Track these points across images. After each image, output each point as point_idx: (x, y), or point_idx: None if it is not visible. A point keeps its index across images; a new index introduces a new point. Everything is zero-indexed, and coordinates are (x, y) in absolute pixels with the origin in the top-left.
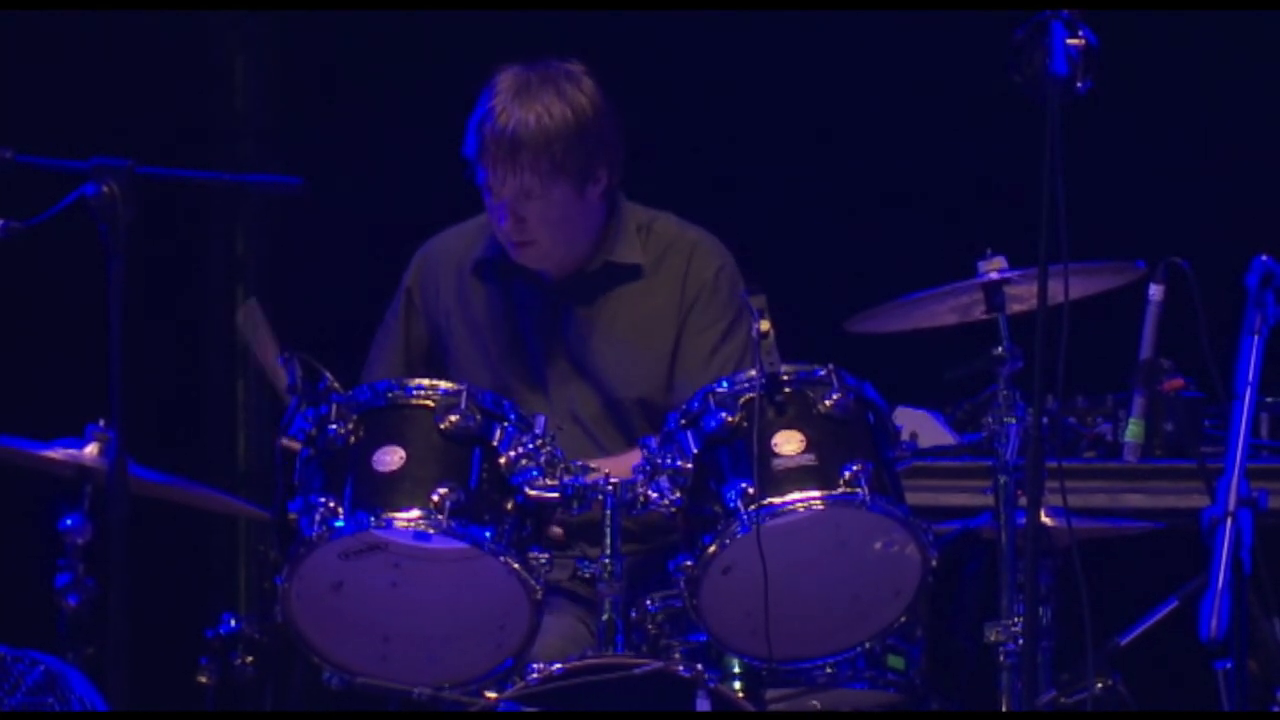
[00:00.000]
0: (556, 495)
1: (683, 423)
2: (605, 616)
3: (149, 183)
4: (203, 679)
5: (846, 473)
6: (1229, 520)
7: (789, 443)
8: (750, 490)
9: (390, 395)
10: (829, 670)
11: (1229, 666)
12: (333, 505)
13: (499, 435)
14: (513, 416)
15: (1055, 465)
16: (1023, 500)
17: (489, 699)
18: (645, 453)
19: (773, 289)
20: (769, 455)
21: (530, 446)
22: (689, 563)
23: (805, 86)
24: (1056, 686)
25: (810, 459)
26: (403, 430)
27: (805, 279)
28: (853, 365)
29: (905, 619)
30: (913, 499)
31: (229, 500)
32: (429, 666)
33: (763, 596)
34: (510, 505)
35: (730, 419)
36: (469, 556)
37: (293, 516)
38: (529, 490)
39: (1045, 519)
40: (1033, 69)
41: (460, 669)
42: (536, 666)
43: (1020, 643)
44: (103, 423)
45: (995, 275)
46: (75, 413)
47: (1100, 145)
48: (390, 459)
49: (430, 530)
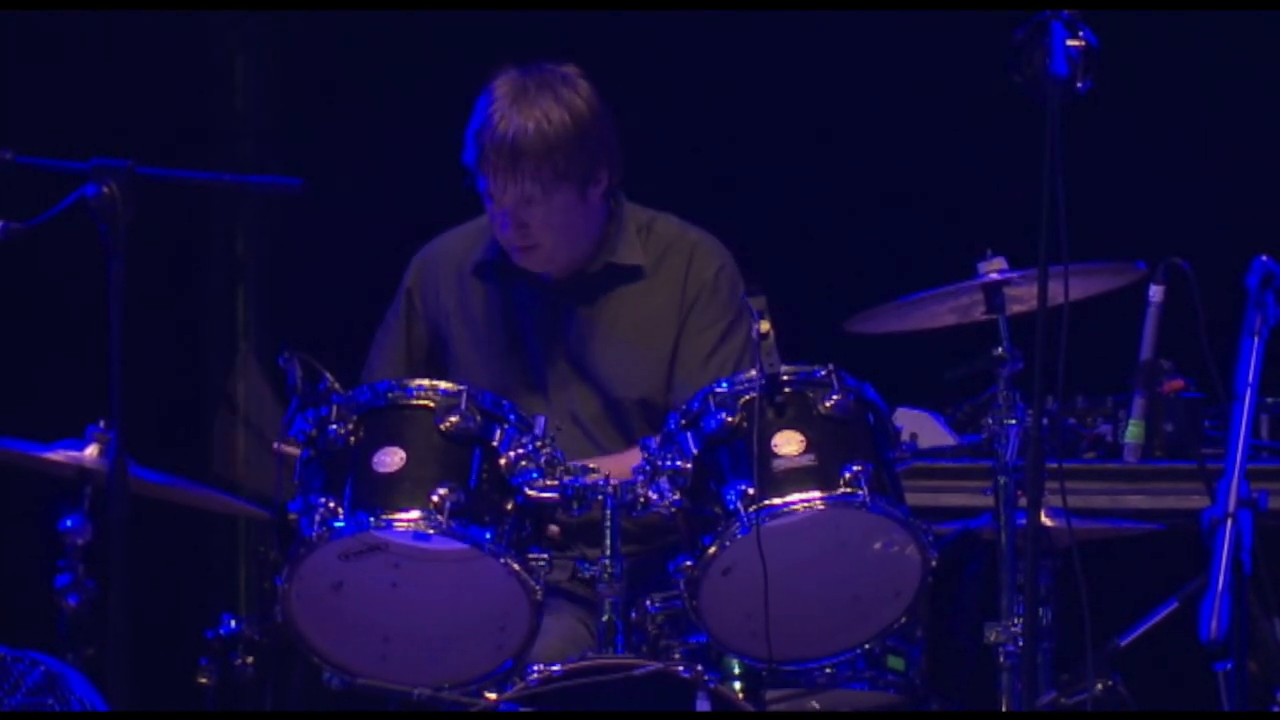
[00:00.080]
0: (556, 496)
1: (682, 423)
2: (605, 617)
3: (149, 183)
4: (203, 679)
5: (846, 473)
6: (1229, 521)
7: (789, 443)
8: (750, 491)
9: (390, 396)
10: (829, 671)
11: (1229, 667)
12: (333, 506)
13: (499, 436)
14: (512, 417)
15: (1055, 466)
16: (1023, 501)
17: (489, 699)
18: (645, 454)
19: (773, 289)
20: (769, 456)
21: (530, 447)
22: (689, 564)
23: (805, 86)
24: (1056, 687)
25: (810, 460)
26: (403, 431)
27: (805, 279)
28: (853, 365)
29: (905, 619)
30: (913, 499)
31: (229, 500)
32: (429, 667)
33: (763, 597)
34: (510, 506)
35: (730, 420)
36: (469, 557)
37: (293, 517)
38: (529, 491)
39: (1045, 520)
40: (1033, 69)
41: (460, 669)
42: (536, 667)
43: (1020, 643)
44: (103, 423)
45: (995, 276)
46: (75, 413)
47: (1100, 145)
48: (390, 460)
49: (430, 531)
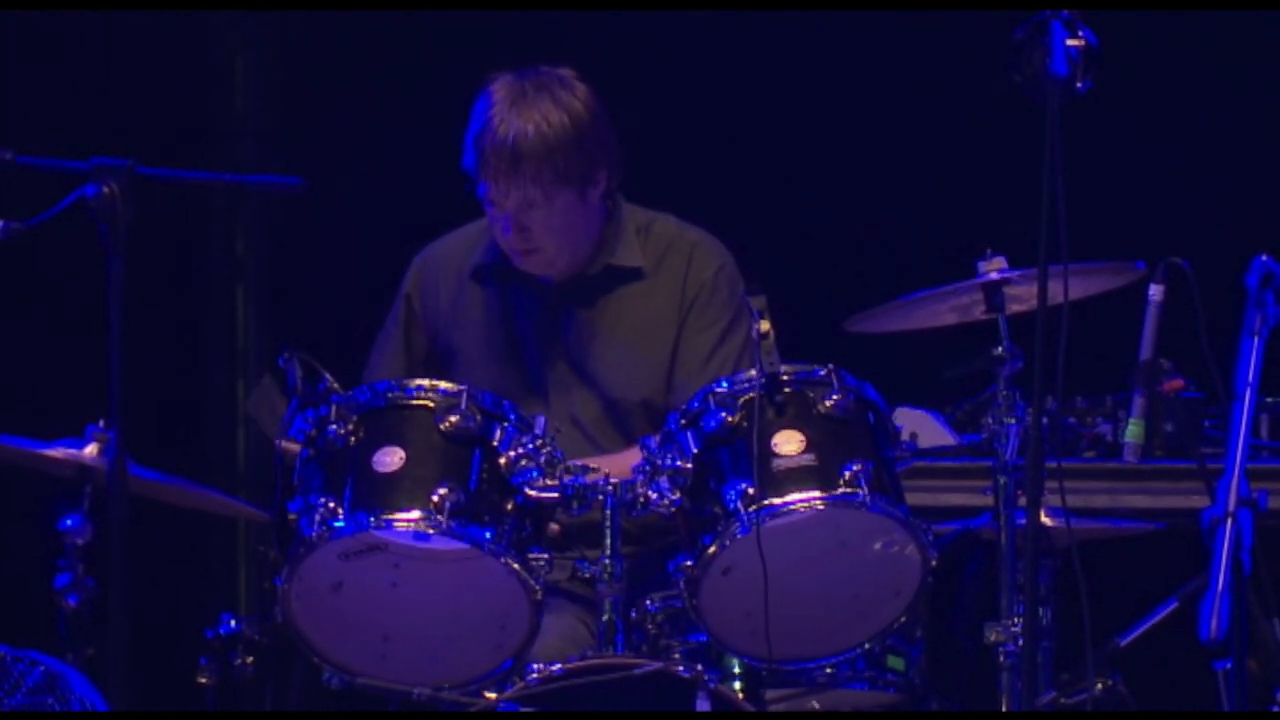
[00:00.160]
0: (556, 496)
1: (682, 423)
2: (605, 617)
3: (149, 183)
4: (203, 679)
5: (846, 473)
6: (1229, 521)
7: (789, 443)
8: (750, 491)
9: (390, 396)
10: (829, 670)
11: (1229, 667)
12: (332, 506)
13: (499, 436)
14: (513, 417)
15: (1055, 465)
16: (1023, 500)
17: (489, 699)
18: (645, 453)
19: (773, 289)
20: (769, 455)
21: (530, 447)
22: (689, 563)
23: (805, 86)
24: (1056, 687)
25: (810, 459)
26: (403, 431)
27: (805, 279)
28: (853, 365)
29: (905, 619)
30: (913, 499)
31: (229, 501)
32: (429, 667)
33: (763, 597)
34: (510, 506)
35: (730, 419)
36: (469, 557)
37: (292, 517)
38: (529, 491)
39: (1045, 519)
40: (1033, 69)
41: (460, 669)
42: (536, 667)
43: (1020, 643)
44: (103, 423)
45: (995, 275)
46: (75, 413)
47: (1100, 145)
48: (390, 459)
49: (430, 531)
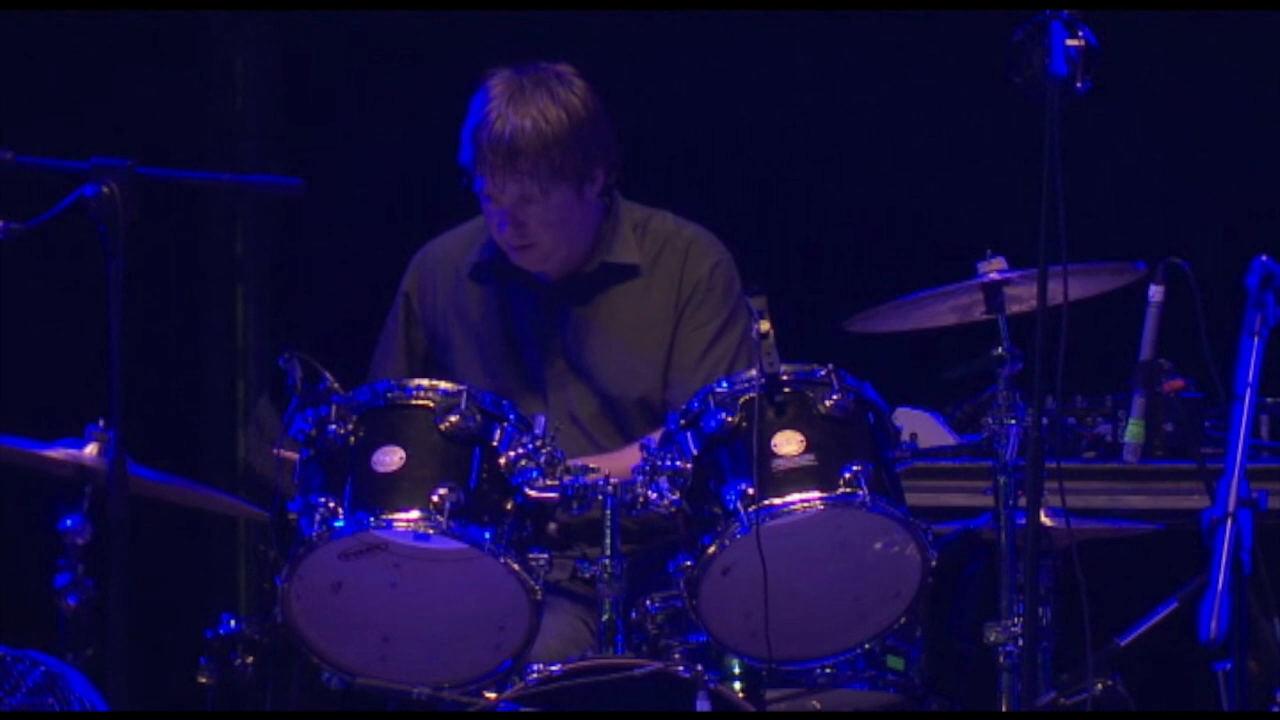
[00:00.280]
0: (556, 495)
1: (682, 423)
2: (605, 617)
3: (149, 183)
4: (203, 679)
5: (846, 473)
6: (1229, 521)
7: (789, 443)
8: (750, 491)
9: (390, 396)
10: (829, 670)
11: (1229, 667)
12: (332, 505)
13: (499, 435)
14: (512, 417)
15: (1055, 466)
16: (1023, 501)
17: (489, 699)
18: (645, 453)
19: (773, 289)
20: (769, 456)
21: (530, 447)
22: (689, 563)
23: (804, 86)
24: (1056, 687)
25: (810, 459)
26: (402, 430)
27: (805, 279)
28: (853, 365)
29: (905, 619)
30: (913, 499)
31: (229, 500)
32: (428, 667)
33: (763, 597)
34: (510, 506)
35: (730, 419)
36: (469, 557)
37: (293, 516)
38: (529, 490)
39: (1045, 519)
40: (1032, 69)
41: (460, 669)
42: (536, 667)
43: (1020, 643)
44: (103, 423)
45: (995, 275)
46: (75, 413)
47: (1100, 145)
48: (390, 459)
49: (430, 531)
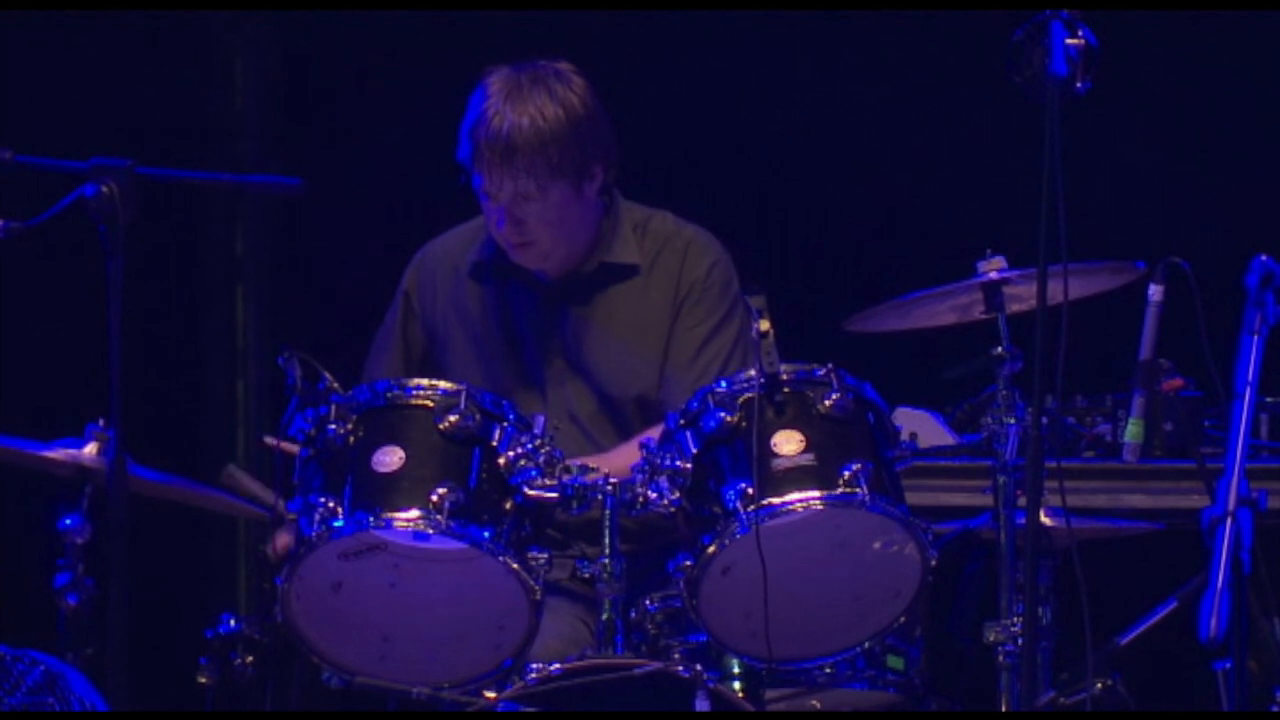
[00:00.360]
0: (556, 495)
1: (682, 423)
2: (605, 616)
3: (149, 183)
4: (203, 679)
5: (846, 473)
6: (1229, 520)
7: (788, 443)
8: (750, 490)
9: (389, 395)
10: (829, 670)
11: (1229, 666)
12: (332, 505)
13: (498, 435)
14: (512, 416)
15: (1055, 465)
16: (1022, 500)
17: (488, 699)
18: (645, 453)
19: (773, 289)
20: (768, 455)
21: (529, 446)
22: (689, 563)
23: (805, 86)
24: (1056, 687)
25: (809, 459)
26: (402, 430)
27: (805, 279)
28: (853, 365)
29: (905, 619)
30: (913, 499)
31: (229, 500)
32: (428, 666)
33: (762, 596)
34: (509, 505)
35: (729, 419)
36: (468, 557)
37: (292, 517)
38: (528, 490)
39: (1045, 519)
40: (1032, 69)
41: (459, 669)
42: (535, 666)
43: (1020, 643)
44: (102, 423)
45: (995, 275)
46: (75, 413)
47: (1100, 145)
48: (390, 459)
49: (429, 530)
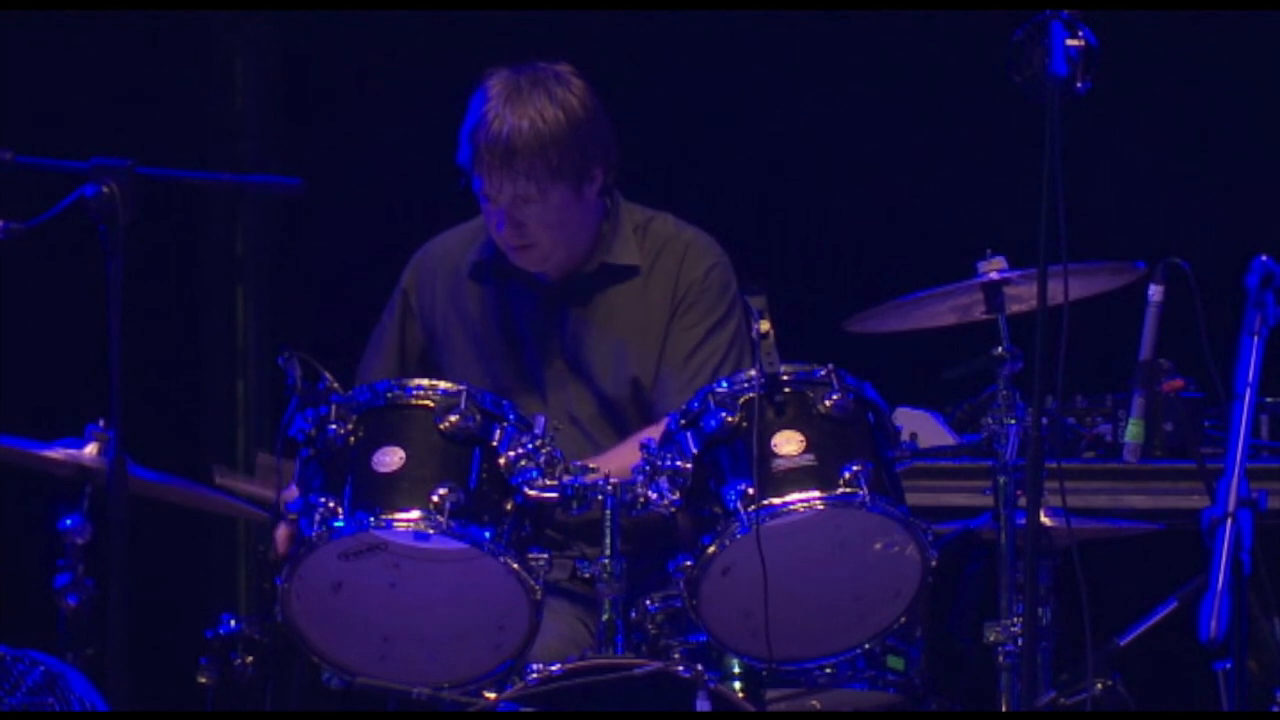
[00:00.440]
0: (556, 495)
1: (682, 423)
2: (605, 617)
3: (149, 183)
4: (203, 679)
5: (846, 473)
6: (1229, 521)
7: (789, 443)
8: (750, 491)
9: (390, 395)
10: (829, 670)
11: (1229, 666)
12: (332, 505)
13: (498, 435)
14: (512, 417)
15: (1055, 466)
16: (1022, 500)
17: (488, 699)
18: (645, 453)
19: (773, 289)
20: (769, 456)
21: (530, 447)
22: (689, 563)
23: (806, 86)
24: (1056, 687)
25: (810, 459)
26: (402, 430)
27: (805, 279)
28: (853, 365)
29: (905, 619)
30: (913, 499)
31: (229, 500)
32: (428, 667)
33: (762, 597)
34: (510, 505)
35: (730, 419)
36: (468, 557)
37: (292, 517)
38: (529, 490)
39: (1045, 519)
40: (1032, 69)
41: (459, 669)
42: (536, 667)
43: (1020, 643)
44: (102, 422)
45: (995, 275)
46: (75, 413)
47: (1100, 145)
48: (390, 459)
49: (430, 531)
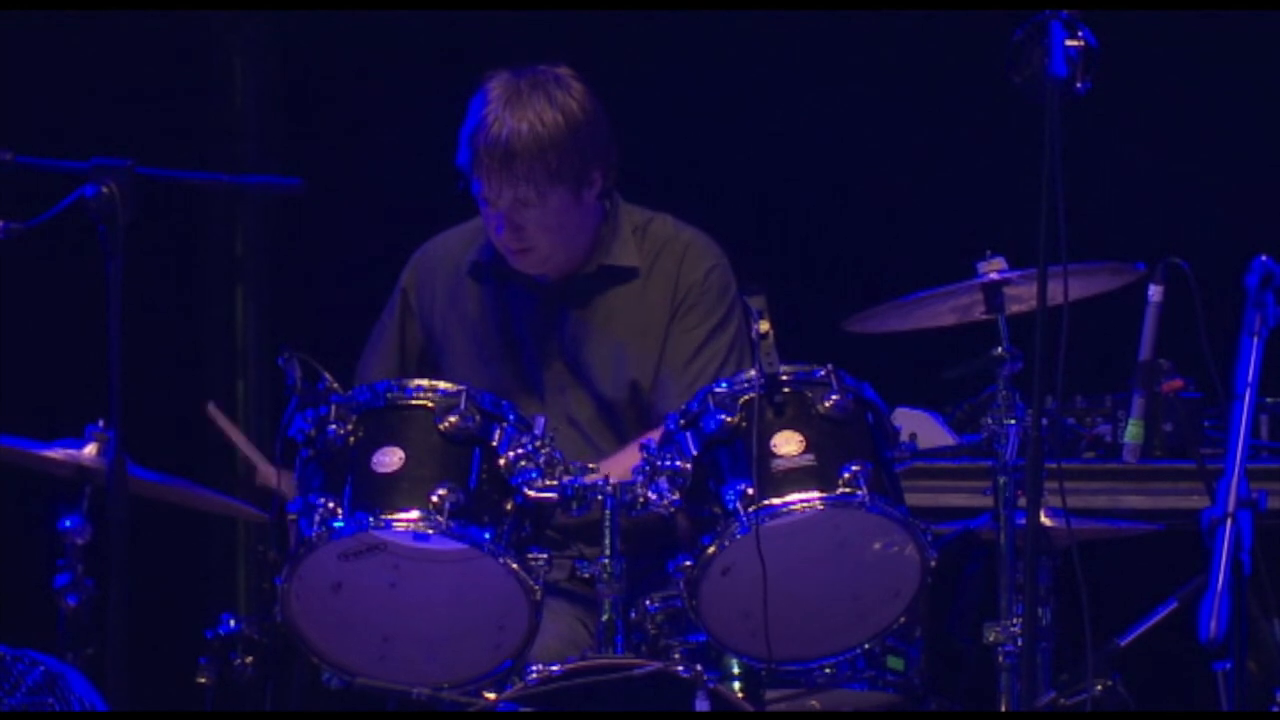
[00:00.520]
0: (556, 496)
1: (682, 424)
2: (605, 617)
3: (149, 183)
4: (203, 679)
5: (845, 473)
6: (1229, 521)
7: (788, 443)
8: (749, 491)
9: (389, 396)
10: (828, 670)
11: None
12: (332, 506)
13: (498, 436)
14: (512, 417)
15: (1054, 466)
16: (1022, 501)
17: (488, 699)
18: (645, 454)
19: (773, 289)
20: (768, 456)
21: (529, 447)
22: (688, 563)
23: (805, 86)
24: (1056, 687)
25: (809, 460)
26: (402, 431)
27: (805, 279)
28: (853, 365)
29: (904, 619)
30: (912, 499)
31: (229, 501)
32: (428, 667)
33: (762, 597)
34: (509, 506)
35: (729, 420)
36: (468, 557)
37: (292, 517)
38: (528, 491)
39: (1045, 520)
40: (1032, 69)
41: (459, 669)
42: (535, 667)
43: (1020, 643)
44: (102, 423)
45: (995, 275)
46: (75, 413)
47: (1100, 145)
48: (389, 460)
49: (429, 531)
